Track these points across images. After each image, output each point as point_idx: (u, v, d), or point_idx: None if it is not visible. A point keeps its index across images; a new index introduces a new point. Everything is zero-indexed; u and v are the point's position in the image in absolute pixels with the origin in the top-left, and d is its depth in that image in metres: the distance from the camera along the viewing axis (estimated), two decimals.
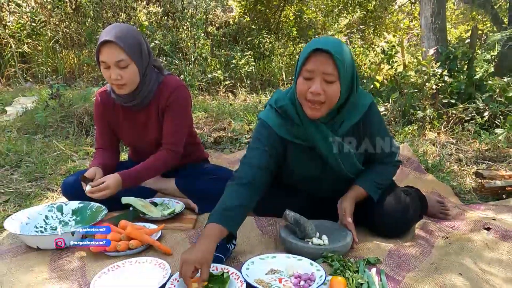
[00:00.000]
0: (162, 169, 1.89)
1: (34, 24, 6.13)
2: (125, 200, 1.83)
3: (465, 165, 2.83)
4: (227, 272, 1.32)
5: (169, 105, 1.86)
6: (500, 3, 6.92)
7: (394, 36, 5.36)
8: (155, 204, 1.91)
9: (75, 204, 1.80)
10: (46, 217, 1.75)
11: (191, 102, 2.00)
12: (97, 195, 1.69)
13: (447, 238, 1.71)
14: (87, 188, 1.70)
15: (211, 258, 1.26)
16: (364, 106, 1.61)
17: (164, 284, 1.27)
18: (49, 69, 6.14)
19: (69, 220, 1.77)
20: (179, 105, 1.87)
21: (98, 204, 1.77)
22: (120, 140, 2.06)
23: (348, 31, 9.03)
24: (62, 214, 1.78)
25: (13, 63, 5.82)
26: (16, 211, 1.89)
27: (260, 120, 1.64)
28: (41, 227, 1.71)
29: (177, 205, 1.92)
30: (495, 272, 1.44)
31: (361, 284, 1.27)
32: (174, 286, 1.27)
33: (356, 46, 7.75)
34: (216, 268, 1.36)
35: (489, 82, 3.66)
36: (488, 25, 7.89)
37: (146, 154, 1.91)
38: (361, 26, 8.85)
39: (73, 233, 1.54)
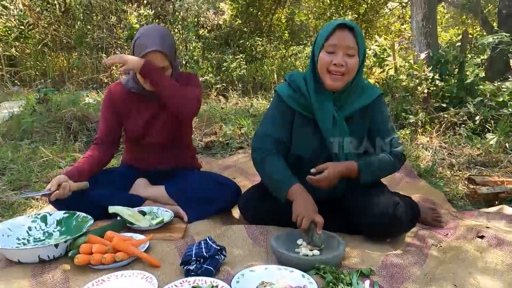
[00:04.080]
0: (181, 91, 1.86)
1: (22, 27, 6.04)
2: (112, 209, 1.78)
3: (458, 171, 2.82)
4: (216, 286, 1.27)
5: (186, 81, 1.95)
6: (489, 7, 6.98)
7: (385, 39, 5.37)
8: (143, 213, 1.86)
9: (60, 214, 1.74)
10: (29, 228, 1.68)
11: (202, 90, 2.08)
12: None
13: (441, 246, 1.68)
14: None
15: (316, 207, 1.56)
16: (374, 95, 1.73)
17: None
18: (37, 73, 6.06)
19: (53, 231, 1.71)
20: (193, 80, 1.99)
21: (84, 214, 1.71)
22: (121, 137, 2.06)
23: None
24: (46, 224, 1.72)
25: (0, 67, 5.72)
26: None
27: (276, 92, 1.80)
28: (23, 239, 1.64)
29: (166, 214, 1.87)
30: (490, 283, 1.41)
31: None
32: None
33: None
34: (205, 282, 1.32)
35: (480, 86, 3.67)
36: (478, 29, 7.96)
37: (148, 150, 1.98)
38: None
39: (56, 246, 1.49)
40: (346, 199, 1.75)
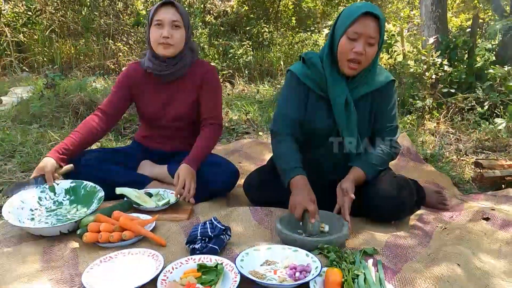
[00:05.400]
0: (213, 144, 1.98)
1: (29, 13, 6.04)
2: (119, 190, 1.80)
3: (464, 155, 2.80)
4: (221, 264, 1.29)
5: (207, 81, 1.98)
6: None
7: (394, 25, 5.29)
8: (150, 195, 1.89)
9: (67, 183, 1.79)
10: (40, 198, 1.72)
11: None
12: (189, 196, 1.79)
13: (445, 228, 1.69)
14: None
15: (314, 197, 1.55)
16: (386, 79, 1.74)
17: (157, 276, 1.25)
18: (45, 59, 6.08)
19: (63, 200, 1.76)
20: (215, 81, 2.02)
21: (91, 184, 1.77)
22: (124, 111, 2.08)
23: None
24: (55, 194, 1.76)
25: (9, 53, 5.76)
26: None
27: (289, 72, 1.80)
28: (36, 209, 1.68)
29: (171, 196, 1.89)
30: (494, 263, 1.42)
31: (358, 275, 1.24)
32: (167, 277, 1.25)
33: None
34: (210, 260, 1.34)
35: (490, 71, 3.61)
36: (490, 14, 7.79)
37: (160, 131, 2.02)
38: None
39: (76, 222, 1.55)
40: None
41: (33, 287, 1.25)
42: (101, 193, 1.72)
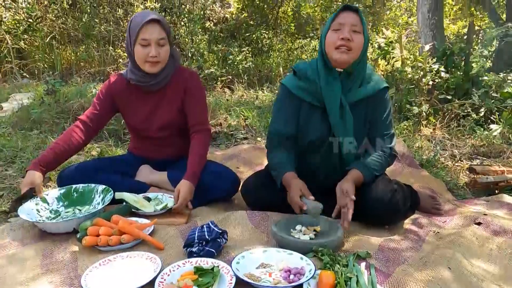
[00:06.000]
0: (206, 151, 1.98)
1: (30, 20, 6.10)
2: (118, 195, 1.83)
3: (459, 161, 2.84)
4: (217, 266, 1.32)
5: (191, 88, 1.98)
6: None
7: (392, 32, 5.35)
8: (149, 199, 1.92)
9: (55, 192, 1.84)
10: (38, 210, 1.76)
11: None
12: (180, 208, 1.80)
13: (438, 233, 1.72)
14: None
15: (303, 183, 1.66)
16: (380, 86, 1.78)
17: (155, 279, 1.28)
18: (46, 65, 6.12)
19: (58, 208, 1.81)
20: (199, 87, 2.02)
21: (81, 185, 1.84)
22: (105, 124, 2.11)
23: None
24: (48, 204, 1.80)
25: (10, 59, 5.80)
26: None
27: (281, 85, 1.86)
28: (40, 220, 1.71)
29: (170, 200, 1.92)
30: (484, 267, 1.45)
31: (350, 278, 1.27)
32: (164, 280, 1.28)
33: None
34: (207, 262, 1.37)
35: (485, 78, 3.66)
36: (486, 21, 7.87)
37: (150, 141, 2.03)
38: None
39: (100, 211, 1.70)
40: None
41: None
42: (101, 187, 1.80)
